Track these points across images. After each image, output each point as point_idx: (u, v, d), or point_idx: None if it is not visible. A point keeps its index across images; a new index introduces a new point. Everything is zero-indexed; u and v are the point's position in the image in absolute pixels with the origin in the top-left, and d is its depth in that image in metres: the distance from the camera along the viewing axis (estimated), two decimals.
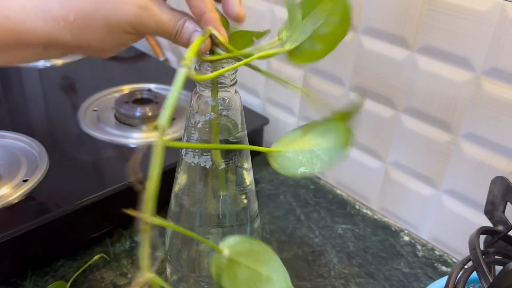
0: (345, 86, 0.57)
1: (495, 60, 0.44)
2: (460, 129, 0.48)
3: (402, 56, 0.50)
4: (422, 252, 0.53)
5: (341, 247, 0.53)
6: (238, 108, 0.33)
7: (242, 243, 0.27)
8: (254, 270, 0.26)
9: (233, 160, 0.34)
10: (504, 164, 0.46)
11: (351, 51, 0.55)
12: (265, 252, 0.27)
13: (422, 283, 0.49)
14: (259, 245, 0.27)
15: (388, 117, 0.54)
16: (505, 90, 0.44)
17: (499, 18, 0.42)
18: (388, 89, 0.53)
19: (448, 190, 0.51)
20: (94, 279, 0.47)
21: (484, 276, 0.33)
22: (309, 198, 0.61)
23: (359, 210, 0.59)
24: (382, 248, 0.53)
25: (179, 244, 0.37)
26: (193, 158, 0.34)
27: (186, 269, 0.37)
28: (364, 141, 0.58)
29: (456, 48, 0.46)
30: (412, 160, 0.53)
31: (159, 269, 0.48)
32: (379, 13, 0.51)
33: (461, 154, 0.49)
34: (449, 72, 0.47)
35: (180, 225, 0.36)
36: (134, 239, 0.52)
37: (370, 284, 0.49)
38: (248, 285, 0.26)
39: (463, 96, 0.47)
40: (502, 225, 0.38)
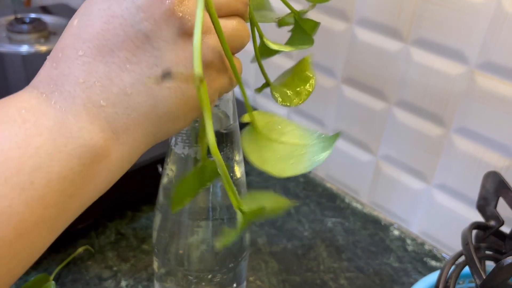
0: (337, 78, 0.56)
1: (489, 54, 0.43)
2: (452, 123, 0.48)
3: (396, 48, 0.49)
4: (412, 246, 0.53)
5: (330, 241, 0.53)
6: (230, 99, 0.32)
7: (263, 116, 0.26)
8: (292, 143, 0.25)
9: (224, 152, 0.33)
10: (497, 159, 0.46)
11: (343, 42, 0.54)
12: (286, 124, 0.26)
13: (412, 277, 0.49)
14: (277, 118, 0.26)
15: (379, 110, 0.53)
16: (499, 84, 0.43)
17: (495, 11, 0.42)
18: (380, 81, 0.52)
19: (439, 184, 0.51)
20: (79, 272, 0.46)
21: (477, 272, 0.33)
22: (299, 191, 0.60)
23: (349, 204, 0.59)
24: (372, 242, 0.53)
25: (167, 237, 0.36)
26: (183, 148, 0.33)
27: (174, 262, 0.36)
28: (355, 134, 0.57)
29: (451, 41, 0.45)
30: (404, 153, 0.53)
31: (147, 262, 0.47)
32: (373, 4, 0.50)
33: (453, 148, 0.48)
34: (443, 65, 0.46)
35: (169, 217, 0.35)
36: (120, 231, 0.51)
37: (360, 279, 0.48)
38: (290, 158, 0.25)
39: (456, 90, 0.46)
40: (494, 220, 0.38)
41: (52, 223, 0.21)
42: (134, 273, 0.46)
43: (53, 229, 0.21)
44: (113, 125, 0.22)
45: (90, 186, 0.22)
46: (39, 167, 0.20)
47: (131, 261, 0.48)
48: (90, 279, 0.45)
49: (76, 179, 0.21)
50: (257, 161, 0.25)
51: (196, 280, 0.37)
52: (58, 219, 0.21)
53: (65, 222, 0.22)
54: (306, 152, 0.25)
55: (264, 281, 0.47)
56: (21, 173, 0.19)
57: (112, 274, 0.46)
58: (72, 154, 0.21)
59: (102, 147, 0.22)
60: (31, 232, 0.20)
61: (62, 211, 0.21)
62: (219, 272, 0.36)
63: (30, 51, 0.72)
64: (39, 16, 0.83)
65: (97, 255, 0.48)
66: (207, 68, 0.24)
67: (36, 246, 0.21)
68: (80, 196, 0.22)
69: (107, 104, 0.22)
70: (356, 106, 0.55)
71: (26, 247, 0.20)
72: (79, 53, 0.22)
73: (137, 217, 0.53)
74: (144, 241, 0.50)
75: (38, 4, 1.03)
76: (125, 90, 0.22)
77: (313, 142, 0.25)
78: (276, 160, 0.25)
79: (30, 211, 0.20)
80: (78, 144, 0.21)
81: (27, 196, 0.20)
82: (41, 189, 0.20)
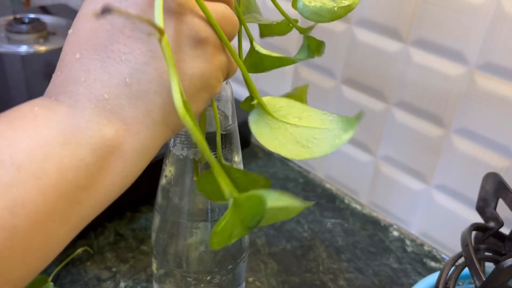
0: (337, 79, 0.56)
1: (489, 54, 0.43)
2: (452, 124, 0.47)
3: (395, 48, 0.49)
4: (411, 247, 0.53)
5: (330, 241, 0.53)
6: (229, 100, 0.32)
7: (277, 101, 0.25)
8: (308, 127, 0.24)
9: (222, 153, 0.33)
10: (496, 160, 0.45)
11: (343, 42, 0.54)
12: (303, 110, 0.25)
13: (411, 278, 0.49)
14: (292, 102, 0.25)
15: (379, 111, 0.53)
16: (499, 85, 0.43)
17: (495, 11, 0.42)
18: (380, 82, 0.52)
19: (439, 185, 0.51)
20: (77, 273, 0.46)
21: (477, 274, 0.33)
22: (298, 191, 0.60)
23: (349, 204, 0.58)
24: (371, 243, 0.53)
25: (166, 238, 0.36)
26: (181, 150, 0.33)
27: (172, 264, 0.36)
28: (354, 135, 0.57)
29: (450, 42, 0.45)
30: (403, 154, 0.53)
31: (146, 263, 0.47)
32: (372, 5, 0.50)
33: (452, 149, 0.48)
34: (443, 65, 0.46)
35: (168, 218, 0.35)
36: (119, 232, 0.51)
37: (359, 280, 0.48)
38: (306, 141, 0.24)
39: (456, 91, 0.46)
40: (494, 221, 0.37)
41: (66, 215, 0.21)
42: (133, 274, 0.46)
43: (67, 222, 0.21)
44: (121, 116, 0.22)
45: (105, 179, 0.22)
46: (50, 156, 0.20)
47: (130, 262, 0.47)
48: (89, 280, 0.45)
49: (89, 170, 0.21)
50: (270, 144, 0.24)
51: (195, 281, 0.36)
52: (72, 211, 0.21)
53: (80, 216, 0.22)
54: (326, 135, 0.24)
55: (263, 282, 0.47)
56: (33, 162, 0.20)
57: (111, 275, 0.46)
58: (82, 145, 0.21)
59: (113, 137, 0.22)
60: (44, 222, 0.20)
61: (76, 203, 0.21)
62: (218, 274, 0.36)
63: (29, 52, 0.72)
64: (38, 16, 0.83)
65: (96, 256, 0.48)
66: (204, 44, 0.24)
67: (51, 238, 0.21)
68: (95, 189, 0.22)
69: (110, 97, 0.22)
70: (356, 106, 0.55)
71: (41, 238, 0.20)
72: (77, 56, 0.23)
73: (136, 217, 0.53)
74: (143, 242, 0.50)
75: (37, 4, 1.03)
76: (124, 81, 0.22)
77: (334, 126, 0.24)
78: (293, 144, 0.24)
79: (43, 200, 0.20)
80: (87, 135, 0.21)
81: (40, 185, 0.20)
82: (54, 178, 0.20)
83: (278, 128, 0.25)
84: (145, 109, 0.22)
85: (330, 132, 0.24)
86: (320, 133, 0.24)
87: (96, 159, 0.21)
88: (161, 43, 0.20)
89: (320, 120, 0.25)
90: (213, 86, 0.25)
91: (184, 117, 0.20)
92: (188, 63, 0.23)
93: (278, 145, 0.24)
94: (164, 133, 0.24)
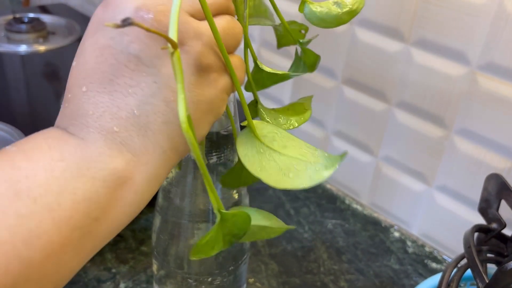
0: (337, 79, 0.56)
1: (491, 54, 0.43)
2: (453, 124, 0.47)
3: (396, 48, 0.49)
4: (412, 248, 0.53)
5: (330, 242, 0.52)
6: (231, 100, 0.32)
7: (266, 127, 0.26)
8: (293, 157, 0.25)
9: (224, 153, 0.33)
10: (498, 161, 0.45)
11: (344, 42, 0.53)
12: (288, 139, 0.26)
13: (412, 279, 0.49)
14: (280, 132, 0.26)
15: (380, 111, 0.53)
16: (501, 85, 0.43)
17: (496, 11, 0.41)
18: (381, 82, 0.52)
19: (440, 186, 0.51)
20: (77, 274, 0.45)
21: (479, 276, 0.32)
22: (299, 192, 0.60)
23: (349, 205, 0.58)
24: (372, 244, 0.53)
25: (167, 239, 0.35)
26: None
27: (173, 265, 0.36)
28: (355, 135, 0.57)
29: (452, 42, 0.45)
30: (404, 155, 0.53)
31: (146, 264, 0.47)
32: (374, 5, 0.49)
33: (454, 150, 0.48)
34: (444, 66, 0.46)
35: (168, 219, 0.35)
36: (119, 233, 0.50)
37: (360, 281, 0.48)
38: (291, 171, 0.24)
39: (457, 91, 0.46)
40: (496, 223, 0.37)
41: (79, 246, 0.21)
42: (133, 275, 0.46)
43: (80, 253, 0.22)
44: (131, 148, 0.23)
45: (116, 209, 0.22)
46: (65, 189, 0.20)
47: (130, 263, 0.47)
48: (88, 281, 0.45)
49: (102, 201, 0.22)
50: (252, 166, 0.25)
51: (196, 283, 0.36)
52: (84, 242, 0.22)
53: (92, 247, 0.23)
54: (307, 168, 0.24)
55: (264, 283, 0.47)
56: (49, 194, 0.20)
57: (111, 276, 0.46)
58: (95, 177, 0.21)
59: (124, 169, 0.22)
60: (58, 254, 0.20)
61: (88, 234, 0.22)
62: (219, 275, 0.36)
63: (29, 51, 0.72)
64: (38, 15, 0.83)
65: (96, 256, 0.47)
66: (208, 71, 0.24)
67: (64, 268, 0.21)
68: (107, 219, 0.22)
69: (119, 129, 0.22)
70: (357, 107, 0.55)
71: (54, 269, 0.21)
72: (83, 89, 0.23)
73: (136, 218, 0.52)
74: (143, 243, 0.50)
75: (36, 3, 1.03)
76: (133, 113, 0.22)
77: (316, 160, 0.25)
78: (274, 170, 0.24)
79: (58, 232, 0.20)
80: (99, 167, 0.22)
81: (55, 217, 0.20)
82: (68, 210, 0.20)
83: (263, 153, 0.25)
84: (154, 139, 0.23)
85: (311, 166, 0.24)
86: (301, 165, 0.25)
87: (108, 190, 0.22)
88: (173, 57, 0.21)
89: (303, 152, 0.25)
90: (218, 109, 0.25)
91: (187, 132, 0.21)
92: (193, 91, 0.23)
93: (260, 169, 0.24)
94: (173, 159, 0.24)
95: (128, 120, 0.22)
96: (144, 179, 0.23)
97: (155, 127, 0.23)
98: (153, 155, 0.23)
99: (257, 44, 0.63)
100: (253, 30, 0.64)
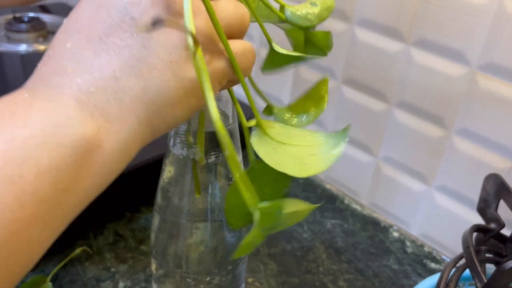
0: (337, 79, 0.56)
1: (491, 55, 0.43)
2: (453, 125, 0.47)
3: (396, 49, 0.49)
4: (411, 248, 0.53)
5: (330, 242, 0.52)
6: (230, 100, 0.32)
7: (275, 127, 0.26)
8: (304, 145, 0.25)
9: (223, 152, 0.33)
10: (498, 161, 0.45)
11: (344, 42, 0.53)
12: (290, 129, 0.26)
13: (411, 279, 0.49)
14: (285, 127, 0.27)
15: (380, 111, 0.53)
16: (501, 86, 0.43)
17: (496, 11, 0.41)
18: (380, 82, 0.52)
19: (440, 186, 0.51)
20: (76, 273, 0.45)
21: (478, 275, 0.32)
22: (298, 192, 0.60)
23: (349, 205, 0.58)
24: (372, 244, 0.53)
25: (165, 238, 0.35)
26: (181, 149, 0.32)
27: (172, 264, 0.36)
28: (355, 135, 0.57)
29: (452, 42, 0.45)
30: (404, 155, 0.53)
31: (145, 263, 0.47)
32: (373, 5, 0.49)
33: (454, 150, 0.48)
34: (444, 66, 0.46)
35: (167, 219, 0.35)
36: (118, 233, 0.50)
37: (359, 281, 0.48)
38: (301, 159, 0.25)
39: (457, 91, 0.46)
40: (495, 223, 0.37)
41: (47, 220, 0.20)
42: (132, 274, 0.46)
43: (49, 227, 0.20)
44: (104, 112, 0.21)
45: (85, 179, 0.21)
46: (28, 159, 0.19)
47: (129, 262, 0.47)
48: (87, 280, 0.45)
49: (69, 170, 0.20)
50: (273, 163, 0.24)
51: (195, 282, 0.36)
52: (52, 215, 0.20)
53: (61, 219, 0.21)
54: (319, 151, 0.25)
55: (263, 283, 0.47)
56: (9, 166, 0.18)
57: (110, 275, 0.46)
58: (62, 144, 0.20)
59: (94, 135, 0.21)
60: (24, 230, 0.19)
61: (56, 206, 0.20)
62: (217, 274, 0.36)
63: (29, 51, 0.72)
64: (38, 15, 0.83)
65: (95, 256, 0.47)
66: None
67: (32, 245, 0.20)
68: (76, 190, 0.21)
69: (96, 90, 0.21)
70: (357, 107, 0.55)
71: (22, 246, 0.19)
72: (67, 45, 0.22)
73: (136, 218, 0.53)
74: (142, 242, 0.50)
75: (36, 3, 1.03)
76: (114, 74, 0.21)
77: (323, 142, 0.25)
78: (292, 161, 0.25)
79: (21, 206, 0.19)
80: (67, 133, 0.20)
81: (17, 190, 0.19)
82: (31, 183, 0.19)
83: (277, 148, 0.26)
84: (130, 106, 0.22)
85: (321, 147, 0.25)
86: (312, 150, 0.25)
87: (76, 158, 0.20)
88: (196, 56, 0.20)
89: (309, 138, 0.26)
90: None
91: (220, 131, 0.20)
92: (182, 66, 0.22)
93: (282, 164, 0.25)
94: (146, 135, 0.23)
95: (107, 81, 0.21)
96: (114, 148, 0.22)
97: (134, 93, 0.22)
98: (127, 124, 0.22)
99: (257, 45, 0.63)
100: (253, 30, 0.64)
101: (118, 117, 0.21)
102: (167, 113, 0.23)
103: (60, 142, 0.20)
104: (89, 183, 0.21)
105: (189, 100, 0.23)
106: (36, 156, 0.19)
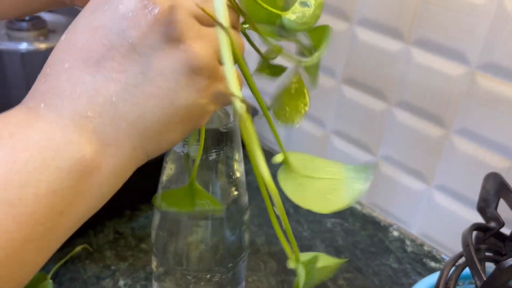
0: (337, 78, 0.56)
1: (490, 54, 0.43)
2: (453, 124, 0.47)
3: (396, 48, 0.49)
4: (411, 247, 0.53)
5: (329, 241, 0.52)
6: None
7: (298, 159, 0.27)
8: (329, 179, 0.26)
9: (224, 150, 0.33)
10: (497, 160, 0.45)
11: (344, 42, 0.54)
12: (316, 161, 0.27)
13: (411, 278, 0.49)
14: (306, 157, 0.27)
15: (380, 111, 0.53)
16: (500, 85, 0.43)
17: (496, 11, 0.42)
18: (380, 82, 0.52)
19: (440, 185, 0.51)
20: (76, 271, 0.45)
21: (478, 274, 0.32)
22: None
23: None
24: (371, 243, 0.53)
25: (166, 236, 0.36)
26: (182, 147, 0.33)
27: (172, 262, 0.36)
28: (354, 135, 0.57)
29: (452, 42, 0.45)
30: (404, 154, 0.53)
31: (145, 261, 0.47)
32: (374, 4, 0.50)
33: (453, 149, 0.48)
34: (444, 66, 0.46)
35: (168, 216, 0.35)
36: (118, 231, 0.50)
37: (359, 279, 0.48)
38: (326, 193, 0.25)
39: (457, 91, 0.46)
40: (495, 221, 0.37)
41: (42, 242, 0.20)
42: (132, 272, 0.46)
43: (43, 249, 0.21)
44: (101, 137, 0.21)
45: (81, 202, 0.21)
46: (27, 182, 0.19)
47: (129, 260, 0.47)
48: (88, 278, 0.45)
49: (67, 194, 0.20)
50: (298, 200, 0.25)
51: (195, 280, 0.36)
52: (48, 237, 0.20)
53: (56, 241, 0.21)
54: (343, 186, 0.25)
55: (263, 281, 0.47)
56: (8, 189, 0.19)
57: (110, 273, 0.46)
58: (60, 168, 0.20)
59: (92, 159, 0.21)
60: (19, 251, 0.19)
61: (52, 228, 0.20)
62: (218, 272, 0.36)
63: (29, 49, 0.72)
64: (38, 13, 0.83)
65: (95, 254, 0.47)
66: (200, 76, 0.23)
67: (26, 266, 0.20)
68: (71, 212, 0.21)
69: (93, 115, 0.21)
70: (356, 106, 0.55)
71: (17, 267, 0.20)
72: (65, 66, 0.22)
73: (136, 216, 0.53)
74: (143, 240, 0.50)
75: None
76: (110, 99, 0.21)
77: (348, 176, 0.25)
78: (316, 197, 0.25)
79: (18, 229, 0.19)
80: (66, 157, 0.20)
81: (16, 213, 0.19)
82: (30, 206, 0.19)
83: (301, 183, 0.26)
84: (126, 132, 0.22)
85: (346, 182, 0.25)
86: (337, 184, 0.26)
87: (74, 182, 0.20)
88: (242, 118, 0.22)
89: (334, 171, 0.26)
90: (199, 119, 0.24)
91: (273, 191, 0.22)
92: (179, 93, 0.22)
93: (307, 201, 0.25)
94: (140, 158, 0.23)
95: (104, 106, 0.21)
96: (110, 171, 0.22)
97: (131, 119, 0.22)
98: (123, 148, 0.22)
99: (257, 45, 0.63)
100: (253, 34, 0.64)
101: (114, 142, 0.22)
102: (161, 139, 0.23)
103: (59, 166, 0.20)
104: (84, 206, 0.22)
105: (184, 126, 0.24)
106: (36, 179, 0.19)
